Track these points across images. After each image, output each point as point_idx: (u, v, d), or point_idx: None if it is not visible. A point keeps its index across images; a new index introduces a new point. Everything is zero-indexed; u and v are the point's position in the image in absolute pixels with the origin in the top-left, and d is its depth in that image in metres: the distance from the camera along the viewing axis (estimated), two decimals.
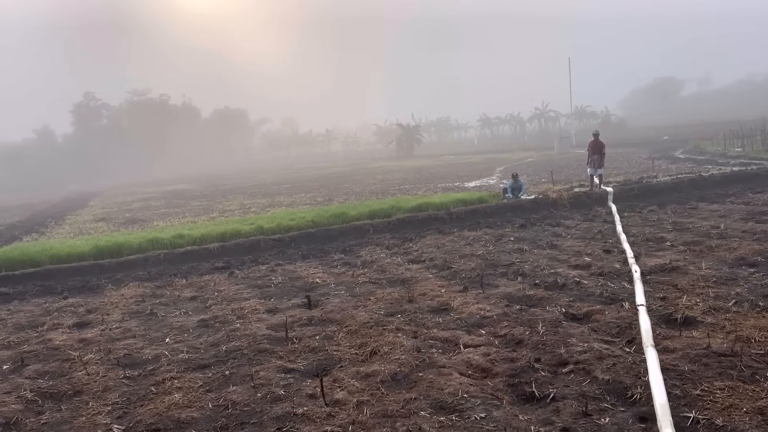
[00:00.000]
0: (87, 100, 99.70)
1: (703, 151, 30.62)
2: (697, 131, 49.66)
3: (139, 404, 5.57)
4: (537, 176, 25.17)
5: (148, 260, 13.09)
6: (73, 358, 7.04)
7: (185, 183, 49.88)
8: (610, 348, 5.69)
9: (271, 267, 11.77)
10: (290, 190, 31.51)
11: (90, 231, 20.34)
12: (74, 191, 52.17)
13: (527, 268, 9.34)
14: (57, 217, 27.56)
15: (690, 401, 4.51)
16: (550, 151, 47.99)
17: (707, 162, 25.37)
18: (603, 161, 17.61)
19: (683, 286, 7.44)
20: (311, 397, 5.29)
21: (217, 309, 8.82)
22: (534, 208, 15.75)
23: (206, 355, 6.74)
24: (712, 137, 35.03)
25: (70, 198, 42.92)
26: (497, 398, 4.93)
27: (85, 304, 10.06)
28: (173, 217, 22.25)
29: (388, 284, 9.39)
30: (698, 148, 32.56)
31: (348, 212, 15.95)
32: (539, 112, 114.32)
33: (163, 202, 31.51)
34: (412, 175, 34.64)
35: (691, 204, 14.29)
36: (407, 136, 73.61)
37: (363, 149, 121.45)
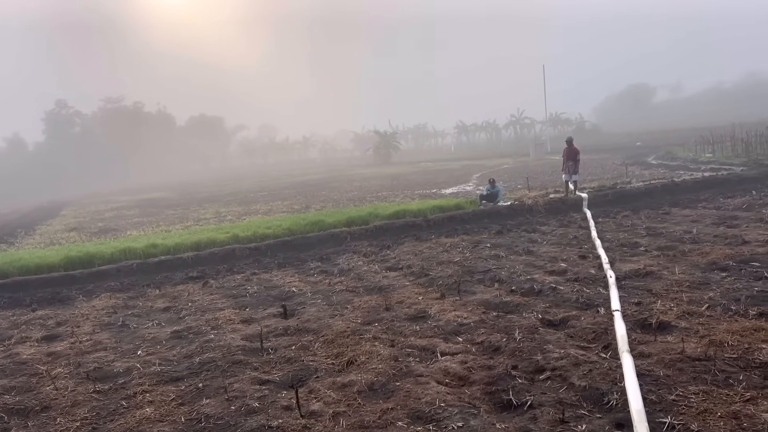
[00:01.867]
0: (59, 107, 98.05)
1: (675, 157, 31.12)
2: (669, 137, 50.56)
3: (109, 419, 5.43)
4: (513, 182, 25.34)
5: (121, 270, 12.85)
6: (41, 373, 6.85)
7: (160, 191, 49.26)
8: (586, 354, 5.70)
9: (246, 276, 11.63)
10: (267, 197, 31.29)
11: (61, 241, 19.93)
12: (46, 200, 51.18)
13: (504, 274, 9.36)
14: (27, 227, 26.95)
15: (665, 406, 4.53)
16: (526, 157, 48.44)
17: (679, 167, 25.78)
18: (577, 167, 17.79)
19: (657, 291, 7.50)
20: (287, 408, 5.20)
21: (191, 320, 8.68)
22: (510, 214, 15.83)
23: (179, 368, 6.61)
24: (684, 143, 35.65)
25: (41, 207, 42.08)
26: (475, 407, 4.90)
27: (55, 316, 9.82)
28: (147, 227, 21.92)
29: (365, 292, 9.33)
30: (670, 153, 33.09)
31: (325, 220, 15.86)
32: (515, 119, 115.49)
33: (136, 211, 31.05)
34: (390, 181, 34.65)
35: (664, 209, 14.48)
36: (385, 143, 73.71)
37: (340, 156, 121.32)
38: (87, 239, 19.59)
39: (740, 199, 14.66)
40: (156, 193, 46.49)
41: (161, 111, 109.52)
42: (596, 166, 30.38)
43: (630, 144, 50.51)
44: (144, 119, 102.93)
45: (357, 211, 17.49)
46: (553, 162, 35.05)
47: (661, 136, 55.55)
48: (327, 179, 44.66)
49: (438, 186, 28.51)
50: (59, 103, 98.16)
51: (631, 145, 49.27)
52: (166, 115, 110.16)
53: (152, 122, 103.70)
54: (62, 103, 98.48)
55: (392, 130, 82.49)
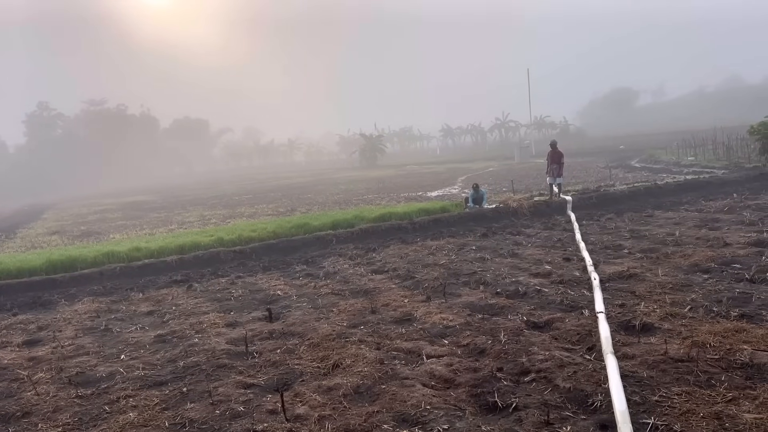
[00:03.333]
0: (40, 110, 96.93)
1: (657, 160, 31.48)
2: (652, 141, 51.16)
3: (91, 424, 5.36)
4: (498, 185, 25.48)
5: (104, 274, 12.71)
6: (22, 378, 6.75)
7: (143, 194, 48.86)
8: (570, 356, 5.73)
9: (231, 279, 11.56)
10: (252, 200, 31.15)
11: (43, 245, 19.68)
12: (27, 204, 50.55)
13: (489, 276, 9.40)
14: (8, 231, 26.60)
15: (649, 407, 4.56)
16: (511, 160, 48.72)
17: (662, 171, 26.09)
18: (562, 170, 17.91)
19: (641, 293, 7.57)
20: (272, 412, 5.17)
21: (175, 324, 8.60)
22: (495, 217, 15.90)
23: (163, 372, 6.54)
24: (666, 146, 36.10)
25: (22, 211, 41.56)
26: (460, 409, 4.90)
27: (36, 320, 9.69)
28: (130, 230, 21.73)
29: (351, 295, 9.31)
30: (653, 157, 33.47)
31: (310, 223, 15.82)
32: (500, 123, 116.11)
33: (120, 214, 30.77)
34: (376, 184, 34.67)
35: (647, 212, 14.63)
36: (370, 146, 73.71)
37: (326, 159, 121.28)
38: (69, 243, 19.37)
39: (722, 202, 14.85)
40: (139, 196, 46.11)
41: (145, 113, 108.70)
42: (580, 169, 30.64)
43: (614, 147, 50.98)
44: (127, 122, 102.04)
45: (342, 214, 17.47)
46: (538, 165, 35.27)
47: (644, 140, 56.20)
48: (312, 182, 44.58)
49: (423, 189, 28.57)
50: (41, 105, 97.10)
51: (615, 148, 49.73)
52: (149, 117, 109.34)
53: (136, 125, 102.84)
54: (44, 105, 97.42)
55: (378, 133, 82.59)
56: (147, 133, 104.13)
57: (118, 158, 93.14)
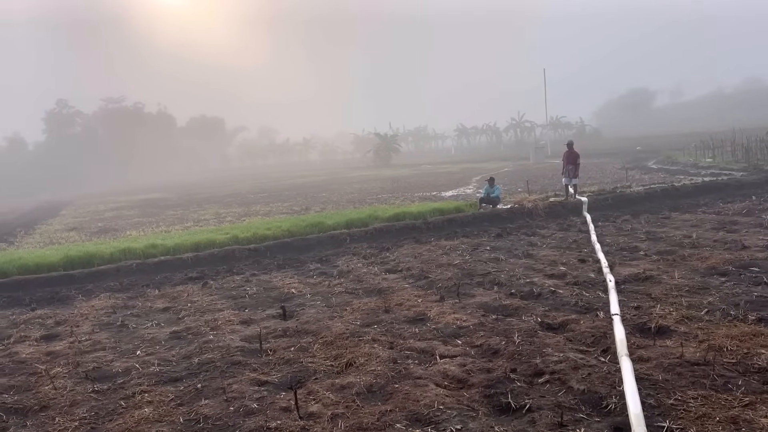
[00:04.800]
0: (59, 107, 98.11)
1: (675, 162, 31.17)
2: (669, 142, 50.67)
3: (107, 419, 5.42)
4: (513, 186, 25.37)
5: (120, 270, 12.84)
6: (39, 372, 6.84)
7: (160, 192, 49.29)
8: (585, 358, 5.70)
9: (246, 277, 11.63)
10: (267, 199, 31.30)
11: (61, 241, 19.93)
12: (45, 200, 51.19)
13: (503, 277, 9.37)
14: (27, 227, 26.96)
15: (664, 411, 4.53)
16: (526, 161, 48.49)
17: (679, 172, 25.83)
18: (577, 171, 17.82)
19: (657, 296, 7.51)
20: (285, 410, 5.20)
21: (190, 320, 8.67)
22: (510, 217, 15.84)
23: (178, 368, 6.60)
24: (684, 148, 35.70)
25: (41, 207, 42.08)
26: (473, 410, 4.90)
27: (54, 315, 9.81)
28: (147, 227, 21.93)
29: (364, 294, 9.33)
30: (670, 158, 33.14)
31: (325, 221, 15.86)
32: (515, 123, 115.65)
33: (136, 211, 31.06)
34: (390, 184, 34.68)
35: (664, 214, 14.49)
36: (385, 145, 73.77)
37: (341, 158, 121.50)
38: (86, 239, 19.60)
39: (740, 204, 14.67)
40: (156, 194, 46.52)
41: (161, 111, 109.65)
42: (596, 170, 30.42)
43: (630, 148, 50.55)
44: (144, 120, 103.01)
45: (357, 213, 17.50)
46: (553, 165, 35.08)
47: (661, 141, 55.68)
48: (327, 181, 44.69)
49: (438, 189, 28.53)
50: (60, 103, 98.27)
51: (632, 149, 49.31)
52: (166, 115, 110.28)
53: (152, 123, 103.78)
54: (63, 103, 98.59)
55: (392, 133, 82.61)
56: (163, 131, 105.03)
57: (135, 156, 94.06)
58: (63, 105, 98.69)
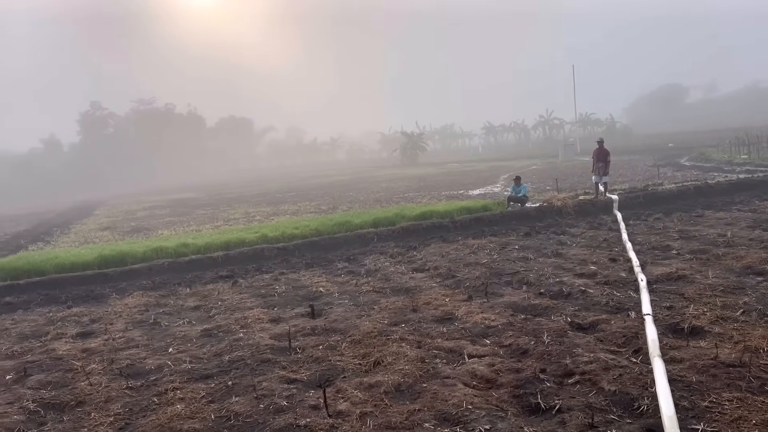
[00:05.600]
0: (93, 109, 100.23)
1: (708, 159, 30.51)
2: (702, 138, 49.55)
3: (141, 415, 5.53)
4: (541, 184, 25.12)
5: (153, 269, 13.08)
6: (76, 368, 7.02)
7: (190, 191, 50.02)
8: (616, 358, 5.63)
9: (275, 276, 11.74)
10: (294, 198, 31.54)
11: (95, 240, 20.38)
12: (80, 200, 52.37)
13: (532, 276, 9.29)
14: (63, 226, 27.65)
15: (698, 413, 4.44)
16: (555, 158, 47.94)
17: (713, 169, 25.27)
18: (608, 169, 17.57)
19: (690, 295, 7.37)
20: (314, 408, 5.24)
21: (221, 318, 8.80)
22: (539, 216, 15.70)
23: (209, 365, 6.71)
24: (718, 144, 34.94)
25: (76, 207, 43.07)
26: (502, 410, 4.87)
27: (89, 313, 10.05)
28: (178, 226, 22.28)
29: (392, 293, 9.35)
30: (704, 155, 32.44)
31: (352, 220, 15.92)
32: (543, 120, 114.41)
33: (168, 210, 31.57)
34: (416, 183, 34.64)
35: (697, 212, 14.21)
36: (411, 144, 73.70)
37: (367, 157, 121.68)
38: (120, 238, 20.00)
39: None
40: (186, 194, 47.22)
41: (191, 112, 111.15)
42: (627, 168, 29.94)
43: (662, 145, 49.62)
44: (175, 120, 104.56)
45: (383, 212, 17.53)
46: (583, 163, 34.64)
47: (694, 137, 54.48)
48: (354, 180, 44.82)
49: (465, 187, 28.40)
50: (93, 105, 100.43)
51: (663, 146, 48.40)
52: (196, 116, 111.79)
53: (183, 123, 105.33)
54: (96, 105, 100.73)
55: (419, 131, 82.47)
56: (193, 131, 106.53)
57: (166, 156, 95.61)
58: (96, 107, 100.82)
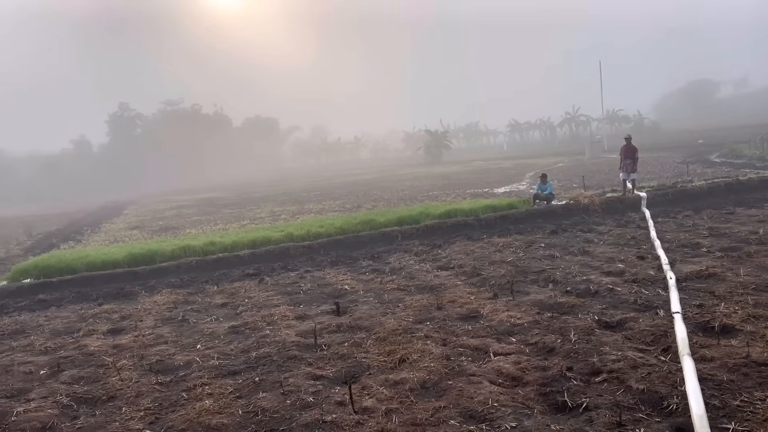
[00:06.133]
0: (122, 110, 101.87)
1: (739, 155, 29.84)
2: (733, 134, 48.47)
3: (170, 410, 5.63)
4: (568, 181, 24.86)
5: (181, 267, 13.28)
6: (107, 364, 7.17)
7: (217, 191, 50.56)
8: (644, 356, 5.56)
9: (300, 274, 11.83)
10: (319, 197, 31.70)
11: (124, 239, 20.74)
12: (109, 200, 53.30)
13: (559, 274, 9.21)
14: (93, 225, 28.19)
15: (729, 412, 4.38)
16: (582, 156, 47.36)
17: (744, 166, 24.72)
18: (635, 166, 17.33)
19: (721, 294, 7.24)
20: (340, 404, 5.29)
21: (248, 315, 8.90)
22: (565, 213, 15.54)
23: (236, 362, 6.80)
24: (750, 140, 34.11)
25: (106, 206, 43.85)
26: (528, 407, 4.85)
27: (119, 310, 10.24)
28: (205, 225, 22.56)
29: (416, 291, 9.35)
30: (735, 151, 31.74)
31: (376, 219, 15.95)
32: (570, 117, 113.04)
33: (195, 210, 31.98)
34: (441, 181, 34.54)
35: (728, 209, 13.93)
36: (435, 142, 73.47)
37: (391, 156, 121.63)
38: (148, 237, 20.33)
39: None
40: (213, 193, 47.76)
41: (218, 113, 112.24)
42: (655, 165, 29.47)
43: (691, 142, 48.66)
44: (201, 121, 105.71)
45: (408, 210, 17.52)
46: (610, 160, 34.14)
47: (724, 133, 53.33)
48: (378, 179, 44.86)
49: (490, 185, 28.23)
50: (122, 106, 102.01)
51: (693, 142, 47.45)
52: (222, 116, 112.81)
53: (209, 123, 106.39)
54: (125, 106, 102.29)
55: (443, 129, 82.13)
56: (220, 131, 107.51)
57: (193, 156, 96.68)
58: (125, 108, 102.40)
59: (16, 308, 11.25)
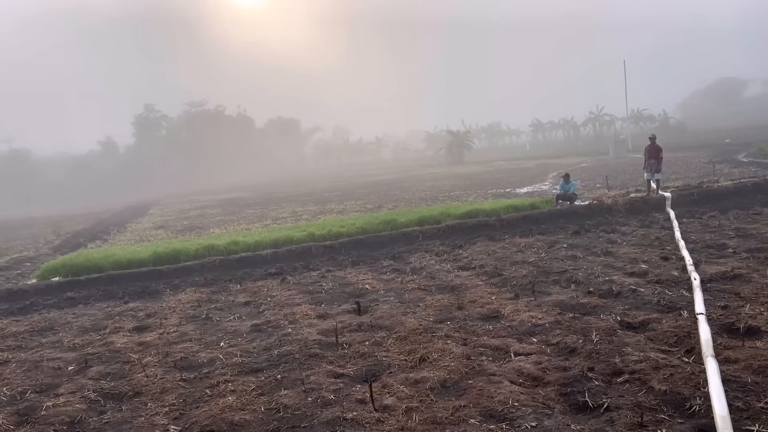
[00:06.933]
0: (147, 111, 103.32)
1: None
2: (762, 133, 47.51)
3: (194, 406, 5.73)
4: (591, 181, 24.62)
5: (204, 266, 13.45)
6: (133, 361, 7.31)
7: (240, 191, 51.03)
8: (667, 357, 5.51)
9: (321, 273, 11.92)
10: (341, 197, 31.82)
11: (150, 238, 21.06)
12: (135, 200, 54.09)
13: (581, 275, 9.15)
14: (119, 225, 28.66)
15: (753, 414, 4.33)
16: (605, 155, 46.83)
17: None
18: (660, 166, 17.11)
19: (746, 295, 7.14)
20: (361, 402, 5.33)
21: (270, 314, 9.00)
22: (588, 214, 15.42)
23: (259, 359, 6.89)
24: None
25: (131, 206, 44.53)
26: (549, 407, 4.85)
27: (145, 308, 10.42)
28: (228, 225, 22.80)
29: (437, 291, 9.37)
30: (763, 151, 31.10)
31: (397, 219, 15.99)
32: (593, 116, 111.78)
33: (218, 210, 32.32)
34: (462, 181, 34.44)
35: (755, 209, 13.69)
36: (457, 142, 73.18)
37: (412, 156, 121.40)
38: (173, 236, 20.61)
39: None
40: (236, 193, 48.21)
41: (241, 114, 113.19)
42: (681, 165, 29.04)
43: (718, 141, 47.80)
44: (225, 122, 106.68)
45: (429, 210, 17.53)
46: (634, 160, 33.74)
47: (752, 133, 52.28)
48: (399, 179, 44.85)
49: (512, 185, 28.08)
50: (147, 108, 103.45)
51: (720, 142, 46.61)
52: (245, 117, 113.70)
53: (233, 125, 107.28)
54: (150, 108, 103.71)
55: (465, 129, 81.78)
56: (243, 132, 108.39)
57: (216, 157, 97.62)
58: (150, 110, 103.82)
59: (45, 306, 11.51)
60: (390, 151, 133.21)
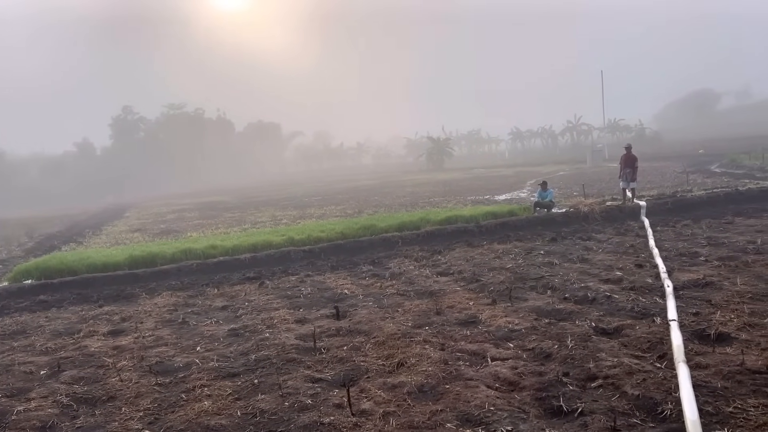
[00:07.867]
0: (125, 113, 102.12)
1: (740, 165, 29.89)
2: (734, 145, 48.51)
3: (170, 410, 5.68)
4: (569, 189, 24.92)
5: (181, 270, 13.33)
6: (107, 365, 7.22)
7: (219, 195, 50.67)
8: (640, 363, 5.61)
9: (300, 278, 11.89)
10: (321, 202, 31.77)
11: (126, 241, 20.80)
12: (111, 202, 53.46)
13: (557, 281, 9.26)
14: (94, 228, 28.27)
15: (722, 418, 4.42)
16: (583, 164, 47.43)
17: (744, 176, 24.74)
18: (635, 175, 17.39)
19: (717, 302, 7.29)
20: (338, 406, 5.34)
21: (248, 318, 8.95)
22: (565, 221, 15.60)
23: (236, 364, 6.85)
24: (751, 151, 34.16)
25: (108, 209, 43.99)
26: (524, 411, 4.90)
27: (120, 312, 10.29)
28: (206, 228, 22.62)
29: (416, 296, 9.40)
30: (735, 161, 31.78)
31: (377, 224, 16.02)
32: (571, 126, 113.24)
33: (197, 213, 32.05)
34: (442, 187, 34.60)
35: (726, 218, 13.98)
36: (437, 149, 73.61)
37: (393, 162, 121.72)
38: (150, 240, 20.38)
39: None
40: (215, 197, 47.85)
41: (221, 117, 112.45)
42: (656, 174, 29.53)
43: (692, 152, 48.72)
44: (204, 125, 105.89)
45: (409, 216, 17.59)
46: (611, 169, 34.20)
47: (725, 144, 53.36)
48: (380, 185, 44.92)
49: (491, 192, 28.30)
50: (125, 109, 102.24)
51: (694, 152, 47.50)
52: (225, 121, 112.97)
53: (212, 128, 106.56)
54: (128, 110, 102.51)
55: (445, 137, 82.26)
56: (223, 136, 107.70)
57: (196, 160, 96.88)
58: (128, 111, 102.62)
59: (17, 309, 11.30)
60: (371, 156, 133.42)
